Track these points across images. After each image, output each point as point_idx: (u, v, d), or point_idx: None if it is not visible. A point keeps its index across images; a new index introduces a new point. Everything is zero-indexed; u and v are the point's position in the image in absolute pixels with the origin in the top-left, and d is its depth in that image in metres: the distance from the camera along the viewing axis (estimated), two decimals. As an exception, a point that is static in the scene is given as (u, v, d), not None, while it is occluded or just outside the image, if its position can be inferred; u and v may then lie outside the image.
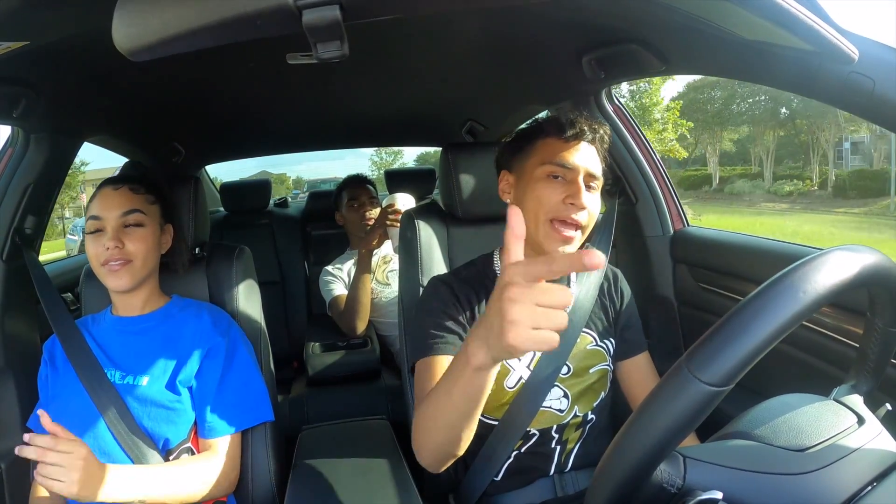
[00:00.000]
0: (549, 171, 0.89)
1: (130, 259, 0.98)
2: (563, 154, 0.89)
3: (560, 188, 0.87)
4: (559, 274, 0.49)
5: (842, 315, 0.95)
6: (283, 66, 0.87)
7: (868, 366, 0.62)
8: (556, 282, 0.95)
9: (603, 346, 0.98)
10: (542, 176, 0.89)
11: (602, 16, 0.93)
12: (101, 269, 0.98)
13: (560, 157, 0.88)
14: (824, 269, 0.47)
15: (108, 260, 0.97)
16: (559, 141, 0.90)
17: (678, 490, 0.48)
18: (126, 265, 0.98)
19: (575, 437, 0.95)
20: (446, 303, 0.92)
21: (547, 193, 0.87)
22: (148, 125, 1.60)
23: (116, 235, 0.97)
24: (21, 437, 1.07)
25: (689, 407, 0.44)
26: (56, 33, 0.75)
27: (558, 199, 0.87)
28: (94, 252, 0.98)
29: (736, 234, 1.33)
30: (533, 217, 0.88)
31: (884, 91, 0.67)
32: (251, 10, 0.46)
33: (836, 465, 0.50)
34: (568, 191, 0.87)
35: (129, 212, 0.99)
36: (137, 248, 0.99)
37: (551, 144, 0.90)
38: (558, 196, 0.87)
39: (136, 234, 0.99)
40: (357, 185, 2.15)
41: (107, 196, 0.99)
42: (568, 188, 0.87)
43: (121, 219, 0.98)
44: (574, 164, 0.88)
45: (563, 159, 0.88)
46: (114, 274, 0.98)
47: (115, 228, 0.98)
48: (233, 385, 1.01)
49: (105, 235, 0.97)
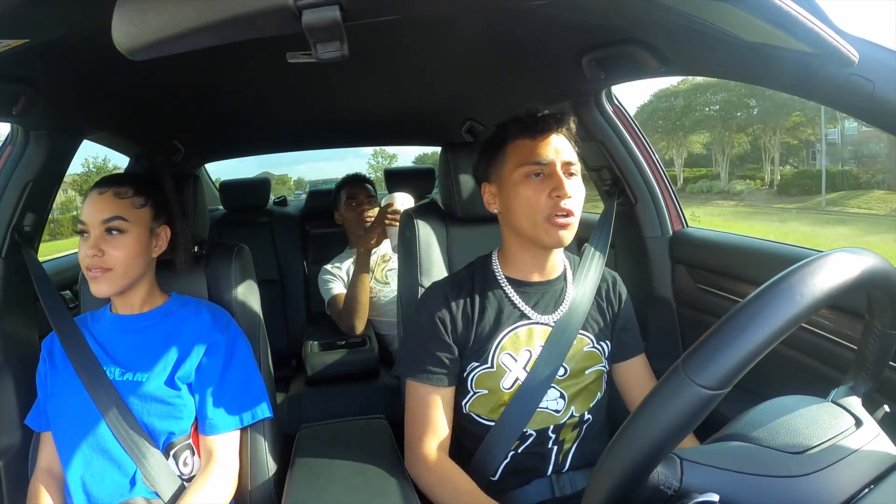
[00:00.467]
0: (528, 171, 0.91)
1: (110, 267, 0.97)
2: (536, 151, 0.91)
3: (543, 185, 0.89)
4: None
5: (840, 317, 0.95)
6: (283, 64, 0.87)
7: (866, 367, 0.62)
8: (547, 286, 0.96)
9: (599, 347, 0.98)
10: (522, 178, 0.91)
11: (602, 16, 0.93)
12: (86, 273, 0.98)
13: (534, 155, 0.91)
14: (822, 271, 0.47)
15: (89, 267, 0.96)
16: (529, 140, 0.92)
17: (675, 492, 0.48)
18: (106, 273, 0.96)
19: (572, 436, 0.96)
20: (436, 322, 0.94)
21: (533, 194, 0.89)
22: (147, 123, 1.60)
23: (97, 244, 0.96)
24: (19, 434, 1.08)
25: (685, 410, 0.44)
26: (56, 31, 0.75)
27: (545, 196, 0.89)
28: (80, 256, 0.98)
29: (735, 236, 1.33)
30: (528, 219, 0.90)
31: (884, 93, 0.67)
32: (251, 10, 0.46)
33: (834, 468, 0.50)
34: (551, 185, 0.89)
35: (111, 219, 0.97)
36: (118, 256, 0.97)
37: (522, 146, 0.92)
38: (544, 193, 0.89)
39: (117, 242, 0.97)
40: (355, 184, 2.15)
41: (91, 201, 0.98)
42: (550, 182, 0.89)
43: (102, 225, 0.97)
44: (549, 159, 0.90)
45: (537, 157, 0.90)
46: (94, 281, 0.97)
47: (97, 236, 0.96)
48: (232, 382, 1.01)
49: (87, 242, 0.97)
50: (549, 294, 0.97)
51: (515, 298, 0.96)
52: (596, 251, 1.07)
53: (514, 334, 0.94)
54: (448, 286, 0.97)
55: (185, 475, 0.98)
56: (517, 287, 0.96)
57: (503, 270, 0.98)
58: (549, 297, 0.97)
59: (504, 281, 0.97)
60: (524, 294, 0.96)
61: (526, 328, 0.94)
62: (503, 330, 0.93)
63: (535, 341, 0.94)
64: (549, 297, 0.97)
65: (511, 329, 0.94)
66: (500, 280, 0.97)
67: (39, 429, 1.03)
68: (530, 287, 0.97)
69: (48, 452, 1.00)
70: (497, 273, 0.98)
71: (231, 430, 1.00)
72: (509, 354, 0.93)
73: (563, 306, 0.97)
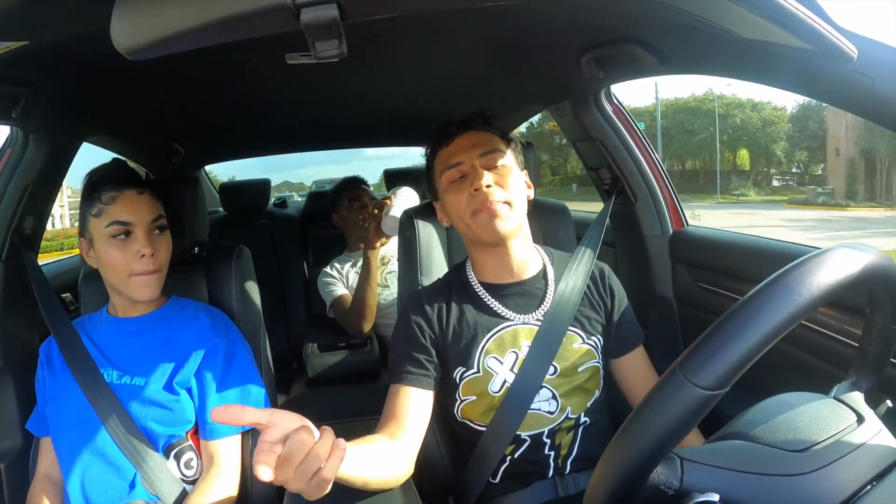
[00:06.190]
0: (450, 176, 0.94)
1: (158, 268, 0.97)
2: (451, 155, 0.94)
3: (465, 185, 0.92)
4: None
5: (841, 313, 0.95)
6: (282, 65, 0.86)
7: (868, 363, 0.62)
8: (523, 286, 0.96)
9: (591, 343, 0.96)
10: (447, 183, 0.95)
11: (601, 15, 0.93)
12: (129, 279, 0.96)
13: (450, 158, 0.94)
14: (818, 269, 0.46)
15: (141, 270, 0.95)
16: (445, 148, 0.96)
17: (675, 492, 0.48)
18: (154, 274, 0.96)
19: (568, 440, 0.94)
20: (413, 327, 0.94)
21: (456, 196, 0.93)
22: (147, 125, 1.60)
23: (149, 243, 0.95)
24: (20, 437, 1.08)
25: (683, 411, 0.44)
26: (55, 33, 0.75)
27: (466, 195, 0.91)
28: (123, 261, 0.95)
29: (735, 234, 1.33)
30: (459, 221, 0.94)
31: (883, 89, 0.66)
32: (249, 9, 0.46)
33: (835, 465, 0.50)
34: (469, 181, 0.91)
35: (158, 217, 0.98)
36: (165, 256, 0.98)
37: (441, 155, 0.97)
38: (466, 192, 0.91)
39: (165, 241, 0.99)
40: (356, 187, 2.16)
41: (130, 200, 0.96)
42: (469, 179, 0.91)
43: (151, 224, 0.97)
44: (462, 158, 0.93)
45: (451, 160, 0.94)
46: (146, 285, 0.96)
47: (145, 235, 0.95)
48: (232, 386, 1.01)
49: (137, 242, 0.95)
50: (526, 294, 0.96)
51: (491, 302, 0.95)
52: (587, 248, 1.06)
53: (499, 337, 0.93)
54: (424, 294, 0.98)
55: (189, 477, 0.98)
56: (492, 291, 0.96)
57: (476, 276, 0.98)
58: (528, 296, 0.96)
59: (478, 286, 0.97)
60: (500, 297, 0.96)
61: (509, 330, 0.94)
62: (485, 334, 0.93)
63: (521, 342, 0.93)
64: (527, 296, 0.96)
65: (494, 333, 0.93)
66: (475, 285, 0.97)
67: (39, 433, 1.03)
68: (505, 289, 0.96)
69: (48, 457, 1.00)
70: (471, 278, 0.98)
71: (232, 434, 1.00)
72: (495, 358, 0.92)
73: (546, 303, 0.96)
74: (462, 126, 0.96)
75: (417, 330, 0.94)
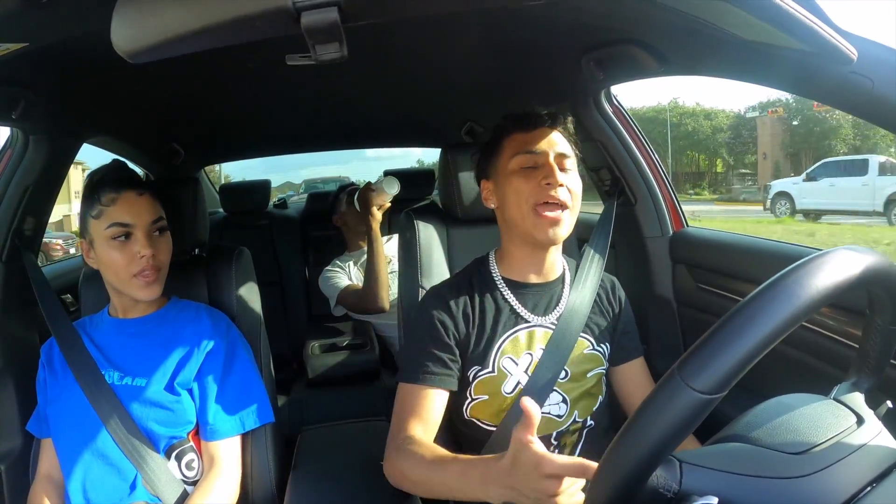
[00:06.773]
0: (521, 161, 0.92)
1: (159, 267, 0.97)
2: (529, 141, 0.93)
3: (534, 174, 0.90)
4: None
5: (841, 314, 0.95)
6: (282, 67, 0.87)
7: (868, 364, 0.62)
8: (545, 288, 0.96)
9: (600, 350, 0.98)
10: (516, 168, 0.92)
11: (601, 16, 0.93)
12: (130, 280, 0.96)
13: (527, 144, 0.92)
14: (818, 272, 0.46)
15: (143, 270, 0.95)
16: (523, 133, 0.94)
17: (674, 495, 0.48)
18: (155, 275, 0.97)
19: (573, 441, 0.95)
20: (436, 324, 0.92)
21: (523, 182, 0.90)
22: (147, 126, 1.61)
23: (150, 244, 0.95)
24: (20, 438, 1.08)
25: (681, 415, 0.44)
26: (55, 35, 0.75)
27: (535, 184, 0.89)
28: (123, 262, 0.95)
29: (735, 235, 1.33)
30: (517, 208, 0.91)
31: (882, 91, 0.67)
32: (250, 12, 0.46)
33: (835, 467, 0.50)
34: (542, 174, 0.89)
35: (158, 219, 0.98)
36: (166, 256, 0.99)
37: (516, 139, 0.94)
38: (534, 181, 0.89)
39: (165, 241, 0.99)
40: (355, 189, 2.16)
41: (131, 202, 0.96)
42: (542, 172, 0.90)
43: (153, 225, 0.97)
44: (542, 148, 0.91)
45: (529, 146, 0.92)
46: (148, 285, 0.96)
47: (145, 237, 0.96)
48: (233, 387, 1.01)
49: (137, 243, 0.95)
50: (546, 296, 0.97)
51: (512, 300, 0.95)
52: (595, 253, 1.06)
53: (515, 338, 0.93)
54: (446, 289, 0.96)
55: (190, 479, 0.98)
56: (514, 289, 0.96)
57: (500, 271, 0.97)
58: (546, 299, 0.97)
59: (501, 282, 0.96)
60: (521, 296, 0.96)
61: (526, 331, 0.94)
62: (503, 333, 0.93)
63: (536, 345, 0.93)
64: (546, 299, 0.97)
65: (511, 333, 0.93)
66: (498, 281, 0.96)
67: (40, 435, 1.03)
68: (527, 289, 0.96)
69: (48, 459, 1.00)
70: (494, 274, 0.97)
71: (232, 435, 1.00)
72: (510, 358, 0.92)
73: (560, 308, 0.96)
74: (551, 119, 0.94)
75: (441, 327, 0.92)
